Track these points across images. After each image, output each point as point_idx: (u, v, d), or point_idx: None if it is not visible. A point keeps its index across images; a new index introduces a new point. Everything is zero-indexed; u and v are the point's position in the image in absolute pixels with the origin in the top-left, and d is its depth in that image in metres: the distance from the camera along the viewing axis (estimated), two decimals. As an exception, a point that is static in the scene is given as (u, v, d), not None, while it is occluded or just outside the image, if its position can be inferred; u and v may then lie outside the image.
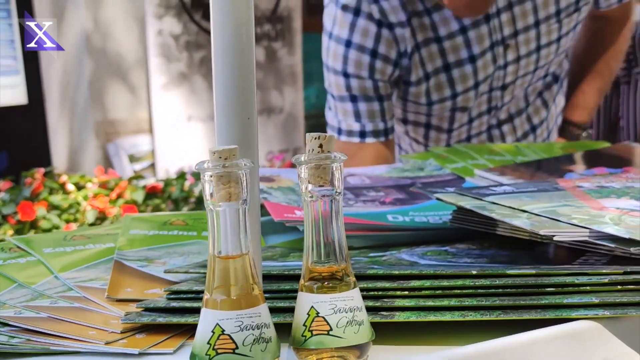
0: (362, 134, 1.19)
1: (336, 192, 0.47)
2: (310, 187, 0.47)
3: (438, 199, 0.75)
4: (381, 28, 1.12)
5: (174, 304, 0.56)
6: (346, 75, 1.16)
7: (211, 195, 0.44)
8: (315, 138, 0.47)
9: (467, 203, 0.70)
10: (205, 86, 3.13)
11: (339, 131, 1.21)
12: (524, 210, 0.65)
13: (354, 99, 1.17)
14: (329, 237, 0.47)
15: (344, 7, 1.13)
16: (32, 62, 3.48)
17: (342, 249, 0.47)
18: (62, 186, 1.99)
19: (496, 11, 1.15)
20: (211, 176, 0.44)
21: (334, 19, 1.15)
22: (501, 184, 0.78)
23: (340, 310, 0.46)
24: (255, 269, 0.46)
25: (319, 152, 0.46)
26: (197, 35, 3.03)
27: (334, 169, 0.47)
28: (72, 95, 3.64)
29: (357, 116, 1.18)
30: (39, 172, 2.04)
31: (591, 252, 0.61)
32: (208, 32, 3.07)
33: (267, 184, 0.91)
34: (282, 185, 0.92)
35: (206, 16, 3.01)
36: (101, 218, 1.86)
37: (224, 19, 0.46)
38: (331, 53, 1.16)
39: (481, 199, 0.71)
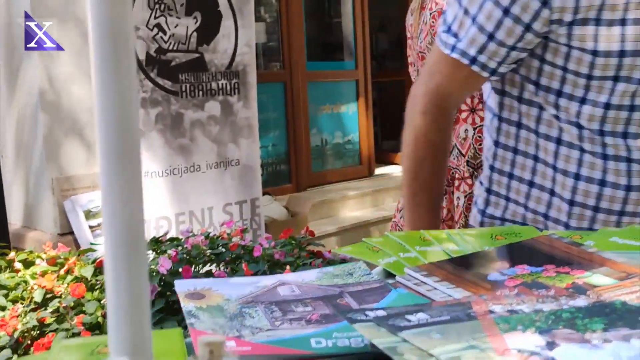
0: (473, 60, 1.21)
1: (228, 392, 0.49)
2: (202, 389, 0.48)
3: (356, 328, 0.78)
4: None
5: None
6: (506, 12, 1.16)
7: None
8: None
9: (381, 341, 0.73)
10: (161, 142, 3.13)
11: (453, 48, 1.23)
12: (431, 355, 0.68)
13: (491, 37, 1.19)
14: None
15: None
16: (-15, 119, 3.45)
17: None
18: (10, 263, 1.98)
19: None
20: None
21: None
22: (417, 311, 0.81)
23: None
24: None
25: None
26: (152, 92, 3.04)
27: (225, 372, 0.49)
28: (27, 152, 3.60)
29: (482, 48, 1.20)
30: (-14, 250, 2.03)
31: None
32: (164, 90, 3.05)
33: (196, 303, 0.92)
34: (211, 303, 0.93)
35: (161, 73, 3.02)
36: (49, 297, 1.85)
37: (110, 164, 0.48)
38: None
39: (395, 334, 0.74)
